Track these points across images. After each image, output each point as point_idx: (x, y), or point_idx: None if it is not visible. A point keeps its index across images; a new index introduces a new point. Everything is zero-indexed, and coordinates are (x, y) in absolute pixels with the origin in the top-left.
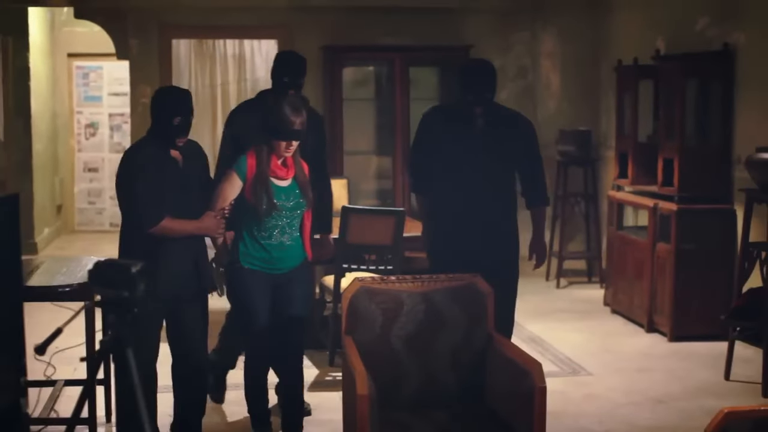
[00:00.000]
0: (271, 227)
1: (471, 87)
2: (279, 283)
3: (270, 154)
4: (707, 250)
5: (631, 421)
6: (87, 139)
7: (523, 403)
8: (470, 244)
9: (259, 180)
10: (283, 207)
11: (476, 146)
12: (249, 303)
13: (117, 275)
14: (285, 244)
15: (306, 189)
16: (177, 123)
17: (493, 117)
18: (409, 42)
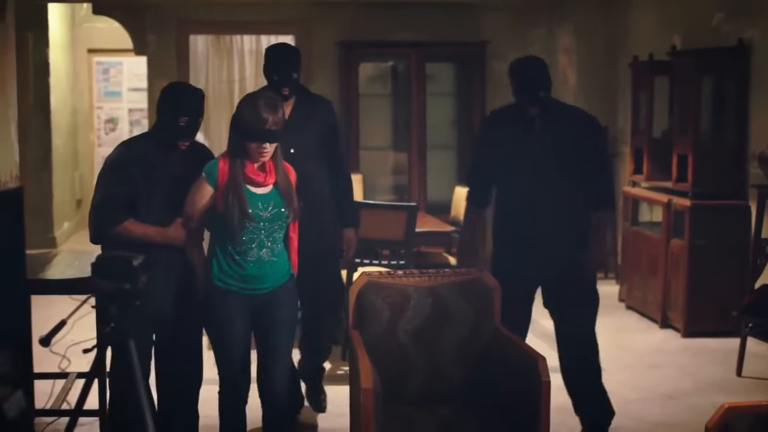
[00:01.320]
0: (246, 241)
1: (523, 87)
2: (259, 306)
3: (244, 157)
4: (721, 246)
5: (641, 417)
6: (107, 134)
7: (528, 398)
8: (534, 258)
9: (231, 187)
10: (258, 217)
11: (536, 149)
12: (221, 329)
13: (118, 268)
14: (264, 260)
15: (289, 197)
16: (183, 124)
17: (551, 116)
18: (426, 38)
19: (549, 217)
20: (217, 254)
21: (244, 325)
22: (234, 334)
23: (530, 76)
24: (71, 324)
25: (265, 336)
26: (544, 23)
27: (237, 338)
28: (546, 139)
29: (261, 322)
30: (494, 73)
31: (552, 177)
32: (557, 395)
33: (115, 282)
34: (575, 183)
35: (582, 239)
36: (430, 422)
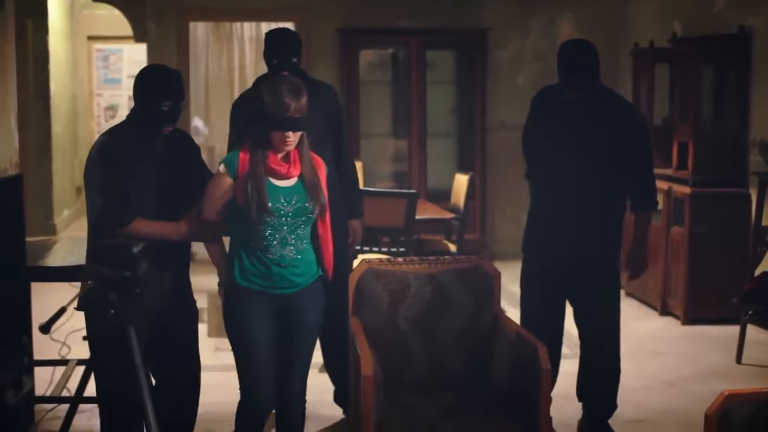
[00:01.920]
0: (267, 237)
1: (562, 69)
2: (283, 308)
3: (266, 147)
4: (721, 234)
5: (641, 404)
6: (107, 121)
7: (528, 385)
8: (561, 244)
9: (251, 178)
10: (279, 212)
11: (570, 135)
12: (243, 330)
13: (118, 255)
14: (287, 259)
15: (316, 191)
16: (166, 108)
17: (591, 104)
18: (427, 25)
19: (577, 205)
20: (239, 252)
21: (267, 327)
22: (257, 336)
23: (569, 57)
24: (71, 311)
25: (288, 340)
26: (545, 11)
27: (260, 340)
28: (582, 126)
29: (284, 325)
30: (495, 61)
31: (583, 167)
32: (561, 382)
33: (115, 269)
34: (609, 177)
35: (611, 234)
36: (431, 409)
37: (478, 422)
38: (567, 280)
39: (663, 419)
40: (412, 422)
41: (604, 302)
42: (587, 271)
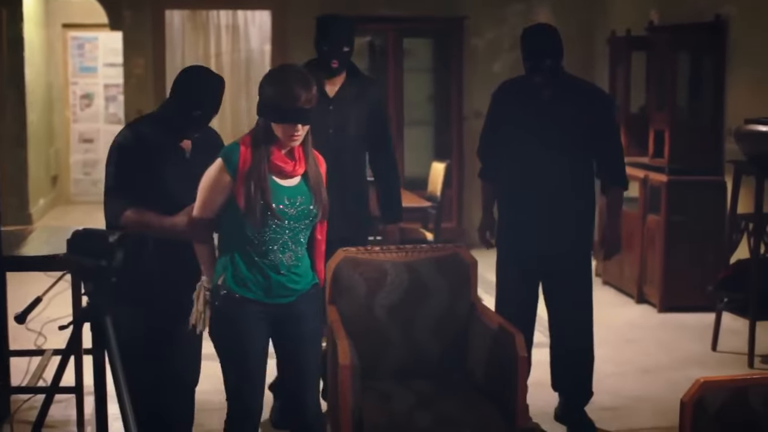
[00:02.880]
0: (268, 242)
1: (528, 54)
2: (280, 318)
3: (269, 141)
4: (697, 222)
5: (617, 391)
6: (82, 110)
7: (505, 373)
8: (537, 232)
9: (253, 176)
10: (284, 215)
11: (542, 120)
12: (237, 344)
13: (95, 244)
14: (287, 266)
15: (319, 192)
16: (196, 115)
17: (560, 88)
18: (404, 13)
19: (552, 191)
20: (233, 256)
21: (263, 340)
22: (252, 350)
23: (535, 42)
24: (47, 301)
25: (290, 356)
26: None
27: (255, 354)
28: (553, 111)
29: (284, 337)
30: (471, 49)
31: (557, 150)
32: (533, 370)
33: (91, 258)
34: (582, 158)
35: (585, 217)
36: (407, 397)
37: (455, 410)
38: (541, 268)
39: (639, 406)
40: (389, 410)
41: (578, 288)
42: (562, 258)
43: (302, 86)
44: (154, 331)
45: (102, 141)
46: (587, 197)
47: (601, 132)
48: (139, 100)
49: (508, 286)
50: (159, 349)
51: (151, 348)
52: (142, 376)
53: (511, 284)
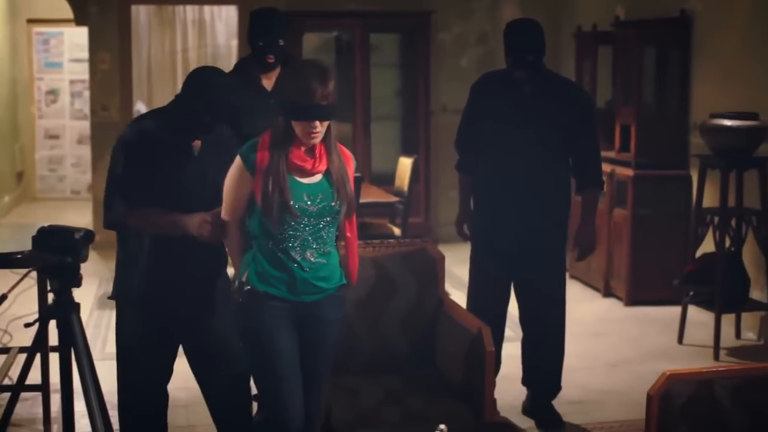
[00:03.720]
0: (288, 238)
1: (511, 49)
2: (304, 318)
3: (289, 138)
4: (663, 216)
5: (584, 385)
6: (48, 105)
7: (473, 367)
8: (512, 228)
9: (272, 174)
10: (303, 212)
11: (521, 116)
12: (270, 342)
13: (60, 241)
14: (310, 263)
15: (343, 188)
16: (206, 121)
17: (541, 84)
18: (371, 8)
19: (529, 187)
20: (256, 253)
21: (291, 338)
22: (283, 347)
23: (519, 38)
24: (12, 298)
25: (306, 355)
26: None
27: (287, 352)
28: (533, 106)
29: (303, 337)
30: (439, 44)
31: (535, 146)
32: (502, 365)
33: (57, 255)
34: (560, 156)
35: (561, 215)
36: (376, 392)
37: (424, 405)
38: (516, 264)
39: (606, 400)
40: (357, 406)
41: (552, 285)
42: (536, 255)
43: (319, 82)
44: (154, 331)
45: (68, 137)
46: (563, 195)
47: (580, 131)
48: (105, 95)
49: (481, 281)
50: (161, 348)
51: (152, 348)
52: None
53: (484, 278)
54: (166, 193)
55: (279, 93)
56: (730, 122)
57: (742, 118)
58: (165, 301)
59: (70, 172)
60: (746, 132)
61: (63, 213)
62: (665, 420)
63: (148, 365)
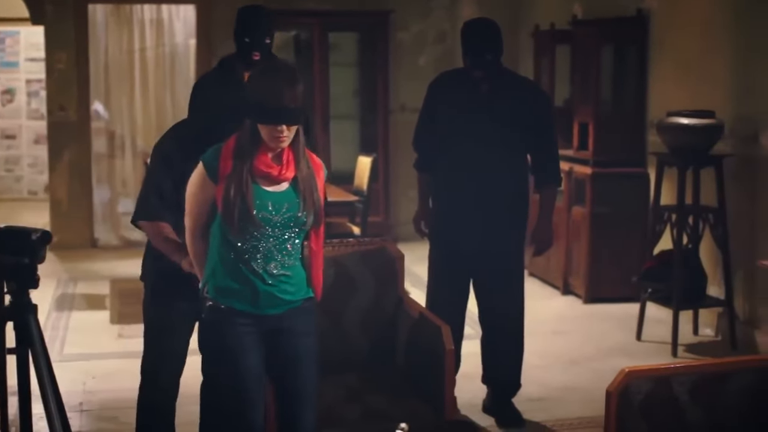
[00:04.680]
0: (250, 249)
1: (469, 48)
2: (270, 333)
3: (255, 144)
4: (621, 214)
5: (544, 382)
6: (4, 105)
7: (432, 365)
8: (471, 226)
9: (234, 181)
10: (267, 222)
11: (479, 115)
12: (231, 359)
13: (17, 242)
14: (273, 275)
15: (311, 198)
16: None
17: (499, 83)
18: (329, 7)
19: (487, 186)
20: (217, 264)
21: (257, 355)
22: (243, 365)
23: (477, 37)
24: None
25: (284, 374)
26: None
27: (247, 370)
28: (491, 105)
29: (275, 355)
30: (397, 43)
31: (493, 145)
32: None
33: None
34: (517, 154)
35: (519, 213)
36: (335, 390)
37: (384, 403)
38: (474, 262)
39: (565, 396)
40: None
41: (511, 283)
42: (496, 253)
43: (286, 84)
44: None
45: (24, 137)
46: (521, 193)
47: (538, 129)
48: (62, 95)
49: (440, 279)
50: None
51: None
52: None
53: (443, 277)
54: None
55: (245, 95)
56: (687, 120)
57: (698, 116)
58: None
59: (26, 173)
60: (703, 130)
61: (20, 214)
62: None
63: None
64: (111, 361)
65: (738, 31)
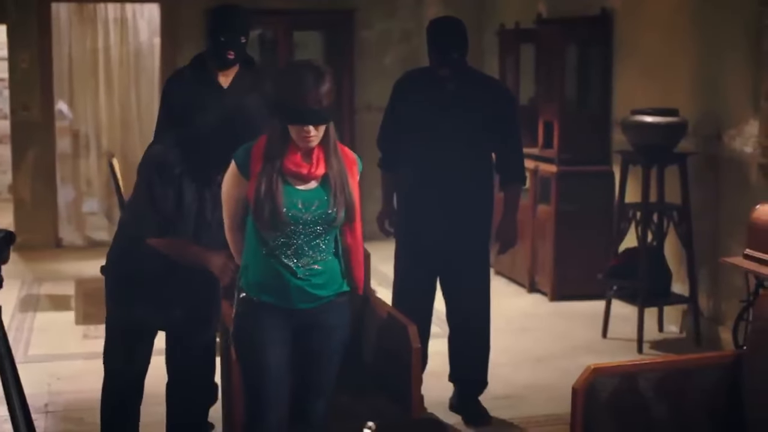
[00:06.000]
0: (281, 246)
1: (435, 47)
2: (302, 326)
3: (285, 143)
4: (586, 212)
5: (511, 380)
6: None
7: (399, 364)
8: (436, 225)
9: (264, 179)
10: (297, 219)
11: (445, 113)
12: (257, 354)
13: None
14: (305, 270)
15: (342, 194)
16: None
17: (465, 82)
18: (294, 6)
19: (452, 184)
20: (251, 259)
21: (283, 349)
22: (271, 361)
23: (442, 35)
24: None
25: (305, 366)
26: None
27: (275, 366)
28: (456, 104)
29: (305, 346)
30: (362, 42)
31: (458, 143)
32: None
33: None
34: (482, 152)
35: (484, 210)
36: None
37: (351, 402)
38: (440, 260)
39: (532, 394)
40: None
41: (476, 281)
42: (460, 251)
43: (312, 84)
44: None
45: None
46: (486, 191)
47: (503, 127)
48: (26, 94)
49: (406, 278)
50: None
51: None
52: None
53: (409, 275)
54: (179, 214)
55: (272, 94)
56: (651, 118)
57: (662, 114)
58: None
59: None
60: (666, 128)
61: None
62: (590, 413)
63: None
64: (76, 362)
65: (701, 30)
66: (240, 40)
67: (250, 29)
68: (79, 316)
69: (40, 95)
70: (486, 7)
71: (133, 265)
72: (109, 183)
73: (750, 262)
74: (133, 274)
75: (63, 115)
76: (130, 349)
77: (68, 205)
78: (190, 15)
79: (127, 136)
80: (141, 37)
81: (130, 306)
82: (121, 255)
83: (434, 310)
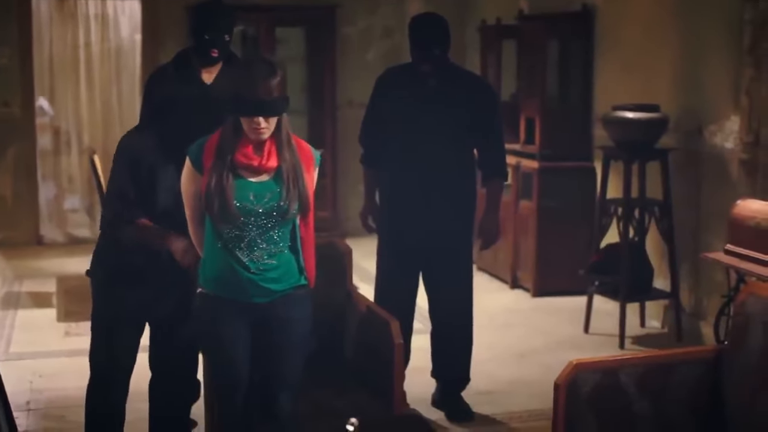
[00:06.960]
0: (234, 239)
1: (417, 43)
2: (259, 321)
3: (237, 135)
4: (568, 207)
5: (493, 376)
6: None
7: (382, 360)
8: (418, 221)
9: (215, 172)
10: (248, 212)
11: (427, 109)
12: (217, 349)
13: None
14: (259, 264)
15: (293, 186)
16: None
17: (447, 77)
18: (276, 2)
19: (434, 180)
20: (207, 254)
21: (245, 341)
22: (230, 350)
23: (424, 31)
24: None
25: (266, 360)
26: None
27: (237, 354)
28: (438, 100)
29: (261, 342)
30: (344, 38)
31: (440, 139)
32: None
33: None
34: (465, 148)
35: (466, 206)
36: None
37: (333, 399)
38: (422, 256)
39: (514, 390)
40: None
41: (459, 277)
42: (443, 247)
43: (262, 76)
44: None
45: None
46: (469, 187)
47: (485, 123)
48: (6, 91)
49: (389, 274)
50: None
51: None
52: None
53: (391, 272)
54: (153, 200)
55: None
56: (632, 114)
57: (643, 110)
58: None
59: None
60: (647, 124)
61: None
62: (572, 408)
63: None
64: (58, 359)
65: (682, 26)
66: (224, 38)
67: (235, 26)
68: (60, 313)
69: (21, 91)
70: (467, 3)
71: (116, 260)
72: (90, 180)
73: (731, 258)
74: (118, 269)
75: (44, 112)
76: (117, 346)
77: (49, 202)
78: (172, 11)
79: (109, 132)
80: (122, 33)
81: (116, 302)
82: (106, 250)
83: (417, 306)
